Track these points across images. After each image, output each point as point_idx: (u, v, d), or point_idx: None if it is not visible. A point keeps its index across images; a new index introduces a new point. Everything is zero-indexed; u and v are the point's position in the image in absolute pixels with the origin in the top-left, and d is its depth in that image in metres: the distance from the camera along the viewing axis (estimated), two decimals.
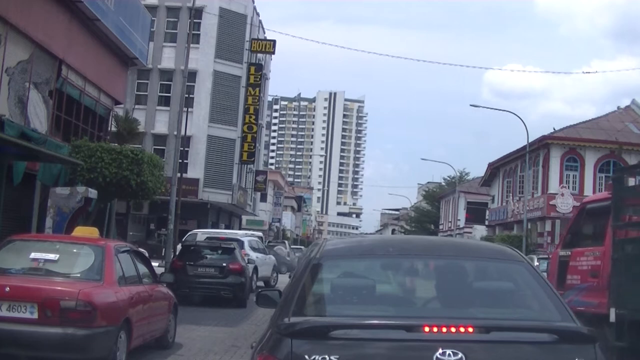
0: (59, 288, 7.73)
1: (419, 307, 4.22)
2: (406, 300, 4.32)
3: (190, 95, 38.23)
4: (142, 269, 9.80)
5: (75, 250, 8.81)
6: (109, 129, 23.12)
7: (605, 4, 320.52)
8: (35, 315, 7.43)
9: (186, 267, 18.06)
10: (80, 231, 9.96)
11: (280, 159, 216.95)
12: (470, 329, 3.50)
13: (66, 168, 16.92)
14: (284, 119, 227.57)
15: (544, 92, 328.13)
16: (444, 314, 3.96)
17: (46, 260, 8.25)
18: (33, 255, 8.34)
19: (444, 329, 3.49)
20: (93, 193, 15.94)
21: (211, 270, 18.36)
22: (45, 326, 7.40)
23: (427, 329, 3.48)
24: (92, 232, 9.80)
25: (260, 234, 30.68)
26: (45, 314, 7.43)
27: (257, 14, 45.88)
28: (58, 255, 8.41)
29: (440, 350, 3.39)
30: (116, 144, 20.07)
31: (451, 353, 3.38)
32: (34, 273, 8.15)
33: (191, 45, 28.43)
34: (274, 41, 43.93)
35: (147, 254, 12.77)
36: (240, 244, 23.18)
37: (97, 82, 21.08)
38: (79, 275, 8.28)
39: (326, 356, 3.39)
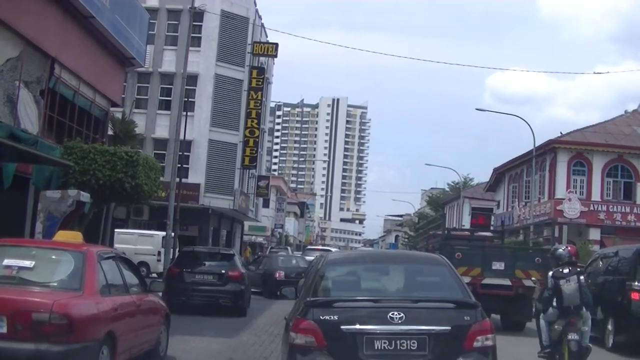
0: (31, 299, 6.93)
1: (382, 291, 7.32)
2: (375, 288, 7.40)
3: (192, 99, 37.62)
4: (130, 277, 9.00)
5: (53, 257, 7.96)
6: (106, 131, 22.43)
7: (610, 8, 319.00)
8: (4, 329, 6.65)
9: (183, 274, 17.33)
10: (62, 236, 9.11)
11: (283, 164, 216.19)
12: (407, 301, 6.59)
13: (58, 170, 16.21)
14: (286, 125, 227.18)
15: (547, 97, 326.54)
16: (395, 294, 7.18)
17: (20, 268, 7.42)
18: (6, 262, 7.51)
19: (393, 301, 6.66)
20: (85, 196, 15.22)
21: (209, 278, 17.60)
22: (15, 341, 6.62)
23: (384, 301, 6.62)
24: (75, 236, 8.95)
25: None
26: (15, 328, 6.65)
27: (259, 17, 45.19)
28: (34, 262, 7.58)
29: (391, 313, 6.30)
30: (112, 146, 19.37)
31: (397, 313, 6.29)
32: (5, 282, 7.30)
33: (192, 48, 27.84)
34: (276, 44, 43.20)
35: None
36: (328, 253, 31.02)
37: (92, 82, 20.36)
38: (56, 284, 7.46)
39: (331, 316, 6.31)
